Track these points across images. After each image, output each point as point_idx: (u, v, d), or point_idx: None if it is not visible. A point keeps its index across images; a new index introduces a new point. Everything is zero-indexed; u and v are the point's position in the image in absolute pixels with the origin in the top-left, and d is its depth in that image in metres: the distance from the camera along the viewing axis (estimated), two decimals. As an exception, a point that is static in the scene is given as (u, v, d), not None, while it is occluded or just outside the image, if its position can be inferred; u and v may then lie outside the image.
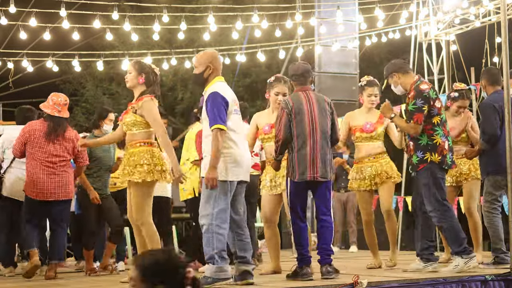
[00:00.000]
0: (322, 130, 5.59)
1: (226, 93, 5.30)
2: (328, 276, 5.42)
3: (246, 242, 5.30)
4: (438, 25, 13.66)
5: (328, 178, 5.60)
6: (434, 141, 5.88)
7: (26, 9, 11.88)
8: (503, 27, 6.07)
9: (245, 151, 5.34)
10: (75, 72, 16.56)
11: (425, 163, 5.88)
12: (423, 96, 5.86)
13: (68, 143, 6.88)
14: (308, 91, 5.73)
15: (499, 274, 5.62)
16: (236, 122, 5.32)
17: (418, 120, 5.83)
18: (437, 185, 5.86)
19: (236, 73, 18.65)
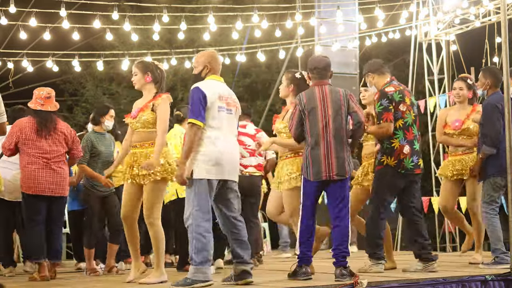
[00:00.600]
0: (336, 127, 5.52)
1: (208, 89, 5.22)
2: (342, 279, 5.33)
3: (242, 241, 5.26)
4: (438, 25, 13.65)
5: (345, 176, 5.51)
6: (392, 145, 5.95)
7: (26, 9, 11.88)
8: (503, 27, 6.07)
9: (227, 150, 5.21)
10: (75, 72, 16.57)
11: (381, 166, 5.99)
12: (387, 97, 5.94)
13: (59, 136, 6.83)
14: (325, 85, 5.65)
15: (499, 274, 5.62)
16: (220, 120, 5.23)
17: (388, 119, 5.89)
18: (382, 189, 5.97)
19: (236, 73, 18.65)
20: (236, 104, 5.44)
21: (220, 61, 5.60)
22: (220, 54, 13.84)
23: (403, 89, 6.07)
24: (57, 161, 6.76)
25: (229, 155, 5.25)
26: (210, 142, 5.18)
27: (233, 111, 5.38)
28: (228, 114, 5.33)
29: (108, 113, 7.39)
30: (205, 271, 5.08)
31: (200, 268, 5.06)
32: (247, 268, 5.22)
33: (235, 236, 5.27)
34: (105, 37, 12.75)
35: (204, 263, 5.07)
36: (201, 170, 5.14)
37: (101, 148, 7.21)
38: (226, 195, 5.30)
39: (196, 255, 5.06)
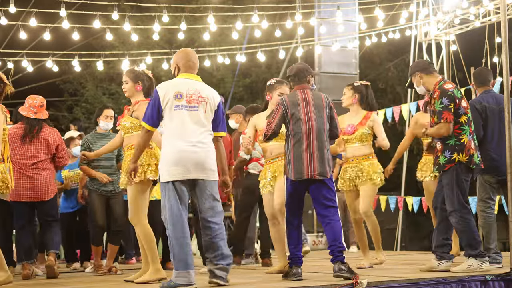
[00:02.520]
0: (318, 128, 5.57)
1: (164, 90, 5.15)
2: (341, 274, 5.31)
3: (211, 242, 5.13)
4: (438, 25, 13.66)
5: (327, 176, 5.55)
6: (461, 141, 5.85)
7: (26, 9, 11.90)
8: (503, 27, 6.06)
9: (188, 148, 5.07)
10: (75, 72, 16.58)
11: (453, 163, 5.85)
12: (448, 95, 5.84)
13: (42, 143, 6.90)
14: (306, 89, 5.71)
15: (499, 274, 5.61)
16: (178, 119, 5.12)
17: (448, 118, 5.80)
18: (460, 186, 5.86)
19: (236, 73, 18.66)
20: (204, 99, 5.24)
21: (192, 57, 5.38)
22: (220, 54, 13.86)
23: (457, 86, 6.05)
24: (35, 167, 6.83)
25: (191, 153, 5.08)
26: (168, 143, 5.12)
27: (199, 106, 5.20)
28: (191, 111, 5.17)
29: (103, 113, 7.37)
30: (186, 275, 5.00)
31: (180, 272, 5.00)
32: (212, 268, 5.10)
33: (206, 237, 5.16)
34: (105, 37, 12.77)
35: (183, 267, 5.00)
36: (165, 173, 5.09)
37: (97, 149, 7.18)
38: (199, 195, 5.18)
39: (175, 260, 5.03)
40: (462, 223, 5.83)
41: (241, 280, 5.65)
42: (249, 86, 19.92)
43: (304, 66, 5.85)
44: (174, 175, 5.06)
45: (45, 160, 6.92)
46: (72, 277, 7.10)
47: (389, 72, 20.71)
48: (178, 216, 5.03)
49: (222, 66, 17.02)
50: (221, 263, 5.12)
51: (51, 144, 6.97)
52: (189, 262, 5.02)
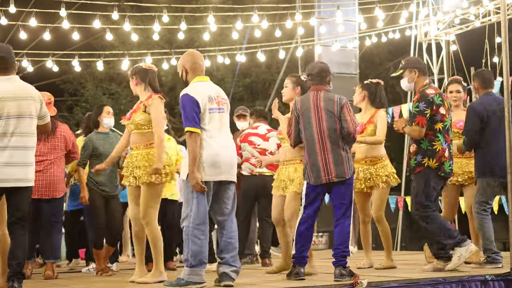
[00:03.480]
0: (330, 131, 5.55)
1: (197, 93, 5.21)
2: (341, 279, 5.32)
3: (228, 243, 5.21)
4: (438, 25, 13.67)
5: (345, 177, 5.52)
6: (434, 147, 5.90)
7: (26, 9, 11.89)
8: (503, 27, 6.07)
9: (222, 150, 5.21)
10: (75, 72, 16.58)
11: (422, 167, 5.92)
12: (426, 100, 5.88)
13: (59, 139, 6.90)
14: (320, 91, 5.68)
15: (499, 274, 5.62)
16: (212, 121, 5.22)
17: (420, 123, 5.85)
18: (427, 190, 5.91)
19: (236, 73, 18.66)
20: (225, 101, 5.39)
21: (199, 59, 5.45)
22: (220, 54, 13.87)
23: (441, 93, 6.05)
24: (50, 163, 6.82)
25: (225, 155, 5.22)
26: (206, 144, 5.17)
27: (224, 108, 5.35)
28: (220, 113, 5.30)
29: (104, 111, 7.31)
30: (200, 273, 5.08)
31: (195, 270, 5.06)
32: (227, 270, 5.16)
33: (223, 237, 5.25)
34: (105, 37, 12.76)
35: (199, 265, 5.07)
36: (199, 172, 5.12)
37: (102, 148, 7.13)
38: (220, 195, 5.27)
39: (192, 258, 5.06)
40: (430, 221, 5.91)
41: (241, 280, 5.65)
42: (249, 86, 19.92)
43: (326, 66, 5.84)
44: (208, 176, 5.15)
45: (60, 157, 6.92)
46: (72, 277, 7.10)
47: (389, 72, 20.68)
48: (204, 215, 5.13)
49: (222, 66, 17.02)
50: (236, 265, 5.22)
51: (68, 140, 6.96)
52: (204, 261, 5.11)
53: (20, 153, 5.17)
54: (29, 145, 5.25)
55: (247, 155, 7.75)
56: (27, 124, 5.23)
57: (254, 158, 7.60)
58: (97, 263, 7.18)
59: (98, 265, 7.14)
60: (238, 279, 5.59)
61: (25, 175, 5.20)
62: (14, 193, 5.20)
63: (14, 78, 5.29)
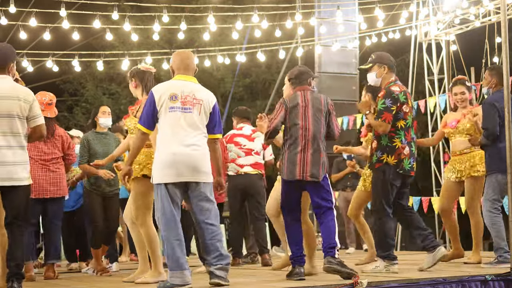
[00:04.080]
0: (314, 133, 5.63)
1: (159, 92, 5.16)
2: (330, 266, 5.38)
3: (208, 244, 5.13)
4: (438, 25, 13.66)
5: (319, 178, 5.59)
6: (393, 144, 5.94)
7: (26, 9, 11.89)
8: (503, 27, 6.06)
9: (181, 151, 5.07)
10: (75, 72, 16.58)
11: (381, 163, 5.96)
12: (392, 97, 5.94)
13: (58, 140, 6.92)
14: (306, 90, 5.76)
15: (499, 274, 5.62)
16: (171, 120, 5.13)
17: (386, 119, 5.89)
18: (385, 187, 5.95)
19: (236, 73, 18.65)
20: (199, 101, 5.22)
21: (187, 58, 5.37)
22: (220, 54, 13.87)
23: (406, 91, 6.07)
24: (54, 162, 6.85)
25: (185, 156, 5.08)
26: (162, 145, 5.12)
27: (193, 108, 5.18)
28: (185, 113, 5.16)
29: (100, 111, 7.33)
30: (181, 275, 5.02)
31: (175, 272, 5.02)
32: (212, 269, 5.11)
33: (204, 239, 5.17)
34: (105, 37, 12.77)
35: (177, 268, 5.02)
36: (157, 174, 5.10)
37: (98, 147, 7.17)
38: (192, 196, 5.18)
39: (168, 260, 5.06)
40: (378, 224, 5.97)
41: (241, 280, 5.65)
42: (249, 86, 19.91)
43: (305, 69, 5.93)
44: (166, 178, 5.06)
45: (60, 158, 6.95)
46: (72, 277, 7.10)
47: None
48: (171, 218, 5.05)
49: (222, 66, 17.01)
50: (220, 263, 5.11)
51: (65, 142, 6.98)
52: (182, 262, 5.03)
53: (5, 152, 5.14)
54: (13, 144, 5.20)
55: (233, 156, 7.82)
56: (12, 124, 5.20)
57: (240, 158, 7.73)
58: (96, 263, 7.19)
59: (97, 265, 7.16)
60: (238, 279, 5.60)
61: (16, 174, 5.17)
62: (7, 192, 5.19)
63: (5, 78, 5.30)
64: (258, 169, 7.79)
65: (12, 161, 5.18)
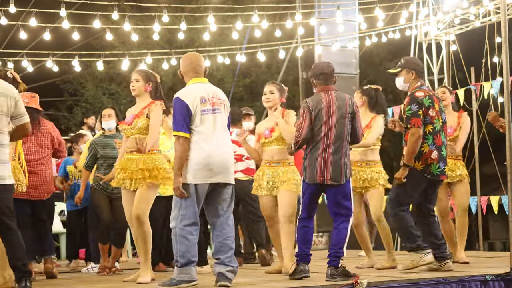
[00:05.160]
0: (337, 135, 5.53)
1: (188, 96, 5.21)
2: (331, 279, 5.37)
3: (223, 244, 5.21)
4: (438, 25, 13.67)
5: (340, 182, 5.52)
6: (421, 149, 5.93)
7: (26, 9, 11.90)
8: (503, 27, 6.07)
9: (216, 152, 5.17)
10: (75, 72, 16.57)
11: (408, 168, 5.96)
12: (416, 102, 5.93)
13: (46, 137, 6.80)
14: (331, 91, 5.65)
15: (499, 274, 5.62)
16: (204, 123, 5.20)
17: (416, 124, 5.88)
18: (406, 190, 5.96)
19: (236, 73, 18.65)
20: (223, 101, 5.35)
21: (196, 61, 5.44)
22: (220, 54, 13.87)
23: (432, 95, 6.06)
24: (39, 163, 6.71)
25: (218, 157, 5.18)
26: (197, 147, 5.16)
27: (220, 109, 5.31)
28: (216, 114, 5.26)
29: (102, 114, 7.32)
30: (189, 271, 5.11)
31: (184, 269, 5.10)
32: (223, 270, 5.17)
33: (218, 238, 5.24)
34: (105, 37, 12.77)
35: (188, 264, 5.10)
36: (188, 175, 5.14)
37: (104, 151, 7.12)
38: (215, 197, 5.25)
39: (180, 257, 5.10)
40: (397, 220, 5.99)
41: (241, 280, 5.66)
42: (249, 86, 19.91)
43: (332, 67, 5.77)
44: (199, 178, 5.14)
45: (47, 156, 6.83)
46: (72, 277, 7.10)
47: (389, 72, 20.69)
48: (192, 217, 5.13)
49: (222, 66, 17.01)
50: (232, 265, 5.20)
51: (54, 138, 6.89)
52: (193, 260, 5.12)
53: None
54: (4, 142, 5.14)
55: None
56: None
57: None
58: (103, 259, 7.16)
59: (103, 261, 7.12)
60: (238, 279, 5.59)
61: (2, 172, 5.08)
62: None
63: None
64: (249, 174, 7.74)
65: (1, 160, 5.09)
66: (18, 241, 5.17)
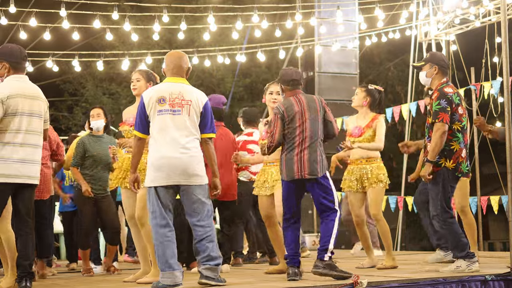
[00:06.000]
0: (312, 134, 5.60)
1: (148, 96, 5.20)
2: (316, 270, 5.40)
3: (199, 245, 5.17)
4: (438, 25, 13.67)
5: (318, 175, 5.55)
6: (451, 147, 5.84)
7: (26, 9, 11.90)
8: (503, 27, 6.06)
9: (170, 154, 5.10)
10: (75, 72, 16.59)
11: (439, 167, 5.85)
12: (446, 98, 5.83)
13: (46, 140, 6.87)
14: (298, 94, 5.73)
15: (499, 274, 5.62)
16: (161, 124, 5.15)
17: (444, 119, 5.77)
18: (445, 191, 5.85)
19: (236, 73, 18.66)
20: (188, 102, 5.22)
21: (176, 60, 5.36)
22: (220, 54, 13.87)
23: (458, 92, 5.99)
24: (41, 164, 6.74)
25: (174, 159, 5.11)
26: (152, 149, 5.17)
27: (182, 110, 5.19)
28: (174, 115, 5.17)
29: (90, 114, 7.35)
30: (171, 275, 5.07)
31: (165, 273, 5.07)
32: (201, 269, 5.15)
33: (194, 240, 5.21)
34: (105, 37, 12.77)
35: (166, 268, 5.07)
36: (149, 178, 5.16)
37: (93, 150, 7.16)
38: (184, 199, 5.22)
39: (159, 261, 5.11)
40: (446, 227, 5.85)
41: (241, 280, 5.65)
42: (249, 86, 19.92)
43: (296, 71, 5.81)
44: (156, 181, 5.12)
45: (47, 157, 6.88)
46: (72, 277, 7.10)
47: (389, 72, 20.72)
48: (161, 220, 5.11)
49: (222, 66, 17.01)
50: (209, 263, 5.15)
51: (53, 140, 6.97)
52: (172, 262, 5.08)
53: (32, 150, 5.30)
54: (40, 143, 5.38)
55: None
56: (37, 123, 5.37)
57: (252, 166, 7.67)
58: (83, 263, 7.21)
59: (84, 265, 7.17)
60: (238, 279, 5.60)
61: (36, 173, 5.34)
62: (23, 190, 5.28)
63: (24, 77, 5.48)
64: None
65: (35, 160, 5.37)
66: (32, 241, 5.30)
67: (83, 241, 7.19)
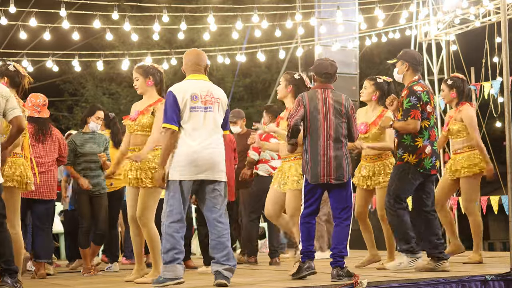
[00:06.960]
0: (336, 130, 5.51)
1: (179, 91, 5.22)
2: (338, 280, 5.32)
3: (218, 242, 5.19)
4: (438, 25, 13.66)
5: (344, 180, 5.50)
6: (416, 143, 5.96)
7: (26, 9, 11.90)
8: (503, 27, 6.07)
9: (203, 149, 5.18)
10: (75, 72, 16.58)
11: (401, 161, 5.99)
12: (416, 95, 5.96)
13: (55, 142, 7.01)
14: (327, 89, 5.62)
15: (499, 274, 5.62)
16: (193, 119, 5.21)
17: (415, 116, 5.90)
18: (402, 184, 5.95)
19: (236, 73, 18.66)
20: (218, 99, 5.32)
21: (196, 57, 5.47)
22: (220, 54, 13.87)
23: (428, 91, 6.08)
24: (50, 164, 6.93)
25: (205, 154, 5.17)
26: (183, 143, 5.18)
27: (213, 108, 5.28)
28: (207, 112, 5.25)
29: (95, 114, 7.37)
30: (174, 269, 5.10)
31: (169, 266, 5.09)
32: (220, 269, 5.16)
33: (212, 236, 5.24)
34: (105, 37, 12.76)
35: (172, 262, 5.09)
36: (174, 171, 5.15)
37: (84, 148, 7.23)
38: (205, 194, 5.25)
39: (165, 254, 5.10)
40: (395, 218, 5.98)
41: (241, 280, 5.66)
42: (249, 86, 19.92)
43: (332, 64, 5.69)
44: (184, 175, 5.13)
45: (55, 160, 7.04)
46: (72, 277, 7.10)
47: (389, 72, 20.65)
48: (178, 214, 5.12)
49: (222, 66, 17.02)
50: (229, 264, 5.18)
51: (61, 144, 7.08)
52: (177, 257, 5.10)
53: None
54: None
55: (267, 157, 7.72)
56: None
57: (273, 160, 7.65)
58: (84, 262, 7.23)
59: (85, 264, 7.19)
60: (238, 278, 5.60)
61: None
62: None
63: None
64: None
65: None
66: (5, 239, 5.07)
67: (82, 240, 7.20)
